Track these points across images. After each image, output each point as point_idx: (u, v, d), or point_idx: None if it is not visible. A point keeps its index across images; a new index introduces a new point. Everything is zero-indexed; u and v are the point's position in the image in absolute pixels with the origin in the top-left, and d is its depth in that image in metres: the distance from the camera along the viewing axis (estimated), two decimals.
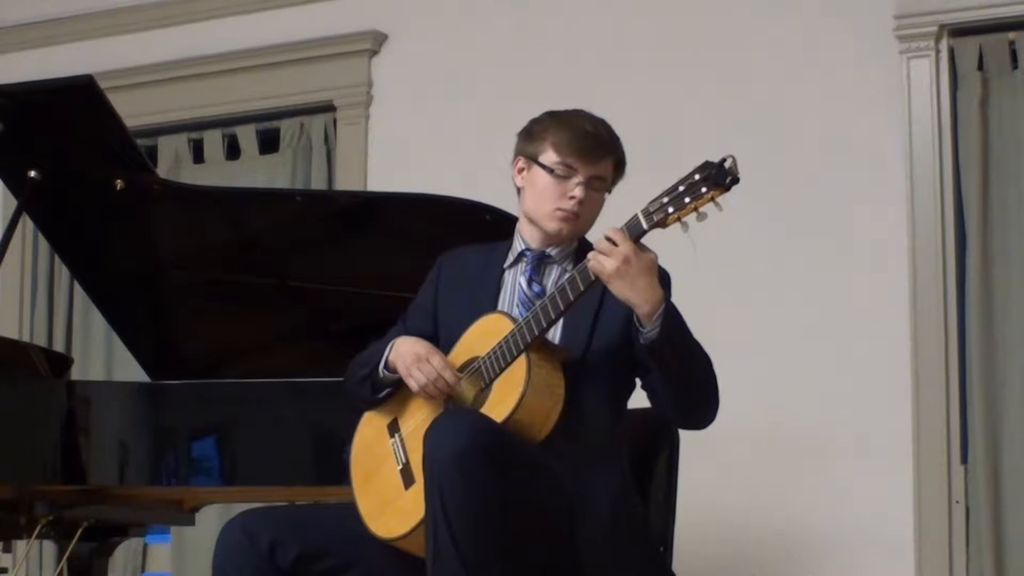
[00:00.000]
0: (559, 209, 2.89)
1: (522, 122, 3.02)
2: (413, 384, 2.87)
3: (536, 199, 2.93)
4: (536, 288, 2.94)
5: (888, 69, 4.54)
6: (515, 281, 2.97)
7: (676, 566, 3.04)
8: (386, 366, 2.94)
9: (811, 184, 4.61)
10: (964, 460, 4.39)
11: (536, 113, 3.00)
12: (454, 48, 5.19)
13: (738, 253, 4.64)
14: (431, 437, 2.65)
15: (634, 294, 2.69)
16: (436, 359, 2.86)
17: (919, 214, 4.46)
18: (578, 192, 2.88)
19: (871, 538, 4.41)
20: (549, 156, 2.90)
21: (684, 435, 3.05)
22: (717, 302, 4.60)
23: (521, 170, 2.97)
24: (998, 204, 4.43)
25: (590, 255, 2.71)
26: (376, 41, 5.32)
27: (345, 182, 5.29)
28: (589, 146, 2.88)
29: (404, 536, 2.79)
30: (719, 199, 2.61)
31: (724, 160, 2.61)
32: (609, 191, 2.95)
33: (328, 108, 5.40)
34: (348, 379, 3.06)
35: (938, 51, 4.50)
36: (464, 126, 5.06)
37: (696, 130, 4.65)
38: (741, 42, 4.77)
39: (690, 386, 2.79)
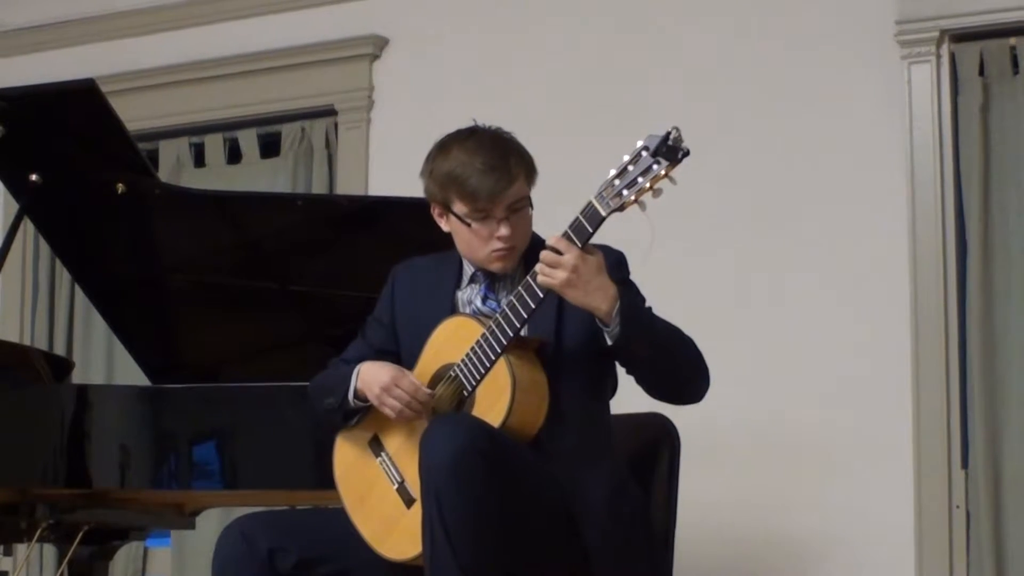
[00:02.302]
0: (493, 251, 2.84)
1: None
2: (389, 412, 2.83)
3: (467, 247, 2.88)
4: (492, 304, 2.89)
5: (889, 74, 4.54)
6: (470, 300, 2.92)
7: (677, 567, 3.04)
8: (355, 395, 2.89)
9: (812, 188, 4.61)
10: (965, 464, 4.39)
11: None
12: (455, 52, 5.19)
13: (739, 255, 4.64)
14: (427, 443, 2.63)
15: (589, 299, 2.67)
16: (404, 382, 2.82)
17: (920, 219, 4.46)
18: (503, 230, 2.81)
19: (872, 542, 4.41)
20: (459, 207, 2.83)
21: (685, 438, 3.05)
22: (717, 304, 4.61)
23: (441, 215, 2.91)
24: (999, 209, 4.43)
25: (537, 268, 2.67)
26: (377, 45, 5.32)
27: (346, 186, 5.29)
28: (491, 185, 2.79)
29: (419, 556, 2.70)
30: (672, 173, 2.58)
31: (668, 134, 2.58)
32: (530, 203, 2.86)
33: (329, 112, 5.40)
34: (314, 404, 3.01)
35: (939, 56, 4.50)
36: None
37: (696, 133, 4.61)
38: (742, 46, 4.76)
39: (670, 369, 2.77)
